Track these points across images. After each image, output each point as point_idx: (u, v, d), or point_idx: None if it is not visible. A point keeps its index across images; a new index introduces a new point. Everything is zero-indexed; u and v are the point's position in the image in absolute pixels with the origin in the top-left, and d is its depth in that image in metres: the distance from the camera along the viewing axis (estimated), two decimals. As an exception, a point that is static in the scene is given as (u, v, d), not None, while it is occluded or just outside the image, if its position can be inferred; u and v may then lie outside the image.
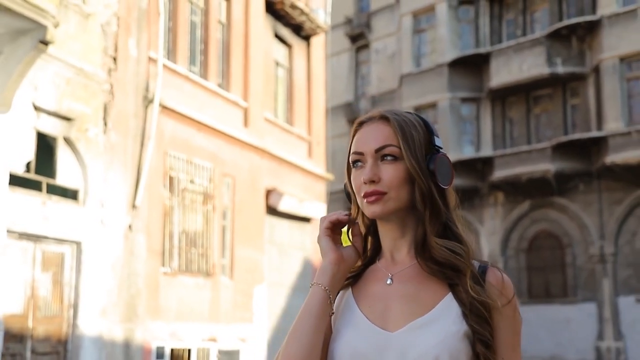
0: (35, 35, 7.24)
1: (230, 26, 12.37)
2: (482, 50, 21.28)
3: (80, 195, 8.85)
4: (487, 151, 21.03)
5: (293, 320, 1.29)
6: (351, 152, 1.41)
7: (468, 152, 21.42)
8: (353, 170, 1.40)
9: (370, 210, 1.35)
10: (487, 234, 20.86)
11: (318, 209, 13.98)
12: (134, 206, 9.57)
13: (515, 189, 20.00)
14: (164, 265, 10.17)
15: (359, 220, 1.44)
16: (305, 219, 13.91)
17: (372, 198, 1.34)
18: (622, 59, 18.36)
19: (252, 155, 12.39)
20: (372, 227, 1.45)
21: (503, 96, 21.14)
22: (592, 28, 19.10)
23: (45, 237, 8.30)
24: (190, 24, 11.46)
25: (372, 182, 1.35)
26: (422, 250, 1.38)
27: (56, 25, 7.38)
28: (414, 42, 23.13)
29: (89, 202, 8.88)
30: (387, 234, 1.42)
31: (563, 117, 20.07)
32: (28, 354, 8.04)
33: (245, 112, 12.45)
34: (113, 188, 9.26)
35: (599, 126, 18.77)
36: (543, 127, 20.52)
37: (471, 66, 21.60)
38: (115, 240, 9.23)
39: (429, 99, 22.17)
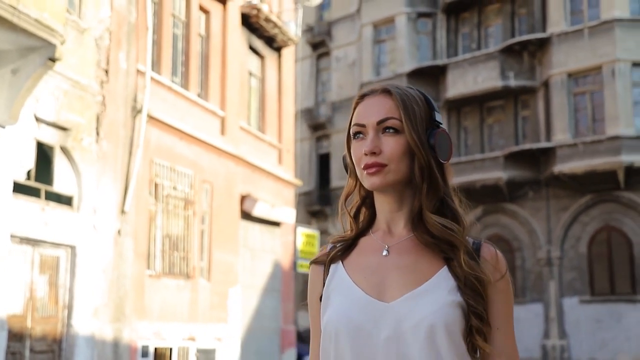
0: (44, 53, 7.69)
1: (209, 38, 12.92)
2: (439, 62, 22.28)
3: (75, 202, 9.31)
4: (442, 158, 21.99)
5: (265, 320, 1.61)
6: (352, 123, 1.43)
7: (425, 159, 22.34)
8: (353, 141, 1.43)
9: (370, 181, 1.38)
10: (441, 237, 21.83)
11: (288, 214, 14.63)
12: (123, 212, 10.05)
13: (469, 195, 21.02)
14: (149, 268, 10.68)
15: (356, 191, 1.48)
16: (276, 224, 14.54)
17: (373, 170, 1.37)
18: (570, 75, 19.56)
19: (228, 163, 12.96)
20: (367, 199, 1.47)
21: (458, 106, 22.18)
22: (542, 45, 20.27)
23: (43, 242, 8.74)
24: (173, 36, 11.97)
25: (373, 153, 1.37)
26: (418, 223, 1.40)
27: (63, 43, 7.86)
28: (374, 52, 23.99)
29: (82, 208, 9.34)
30: (384, 207, 1.43)
31: (514, 128, 21.22)
32: (27, 352, 8.47)
33: (223, 121, 13.02)
34: (104, 194, 9.74)
35: (548, 137, 19.95)
36: (495, 136, 21.63)
37: (429, 77, 22.56)
38: (106, 244, 9.71)
39: (388, 107, 23.02)
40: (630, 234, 18.84)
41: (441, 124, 1.42)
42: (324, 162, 26.09)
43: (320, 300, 1.43)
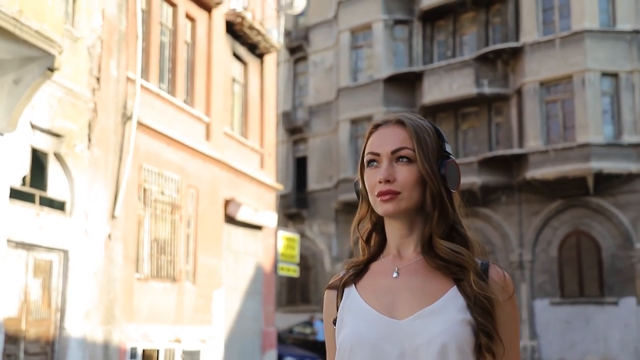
0: (43, 63, 7.90)
1: (194, 46, 13.16)
2: (416, 68, 22.76)
3: (68, 207, 9.51)
4: (418, 163, 22.47)
5: (247, 322, 1.78)
6: (367, 152, 1.49)
7: (401, 164, 22.80)
8: (367, 169, 1.48)
9: (383, 208, 1.44)
10: (417, 240, 22.29)
11: (270, 218, 14.93)
12: (113, 216, 10.27)
13: (444, 199, 21.53)
14: (137, 272, 10.90)
15: (367, 217, 1.54)
16: (258, 227, 14.83)
17: (387, 197, 1.43)
18: (542, 83, 20.18)
19: (213, 168, 13.22)
20: (378, 225, 1.54)
21: (434, 112, 22.67)
22: (515, 53, 20.86)
23: (38, 246, 8.93)
24: (160, 44, 12.20)
25: (387, 181, 1.43)
26: (428, 248, 1.46)
27: (61, 53, 8.07)
28: (351, 58, 24.39)
29: (75, 213, 9.54)
30: (395, 232, 1.50)
31: (488, 134, 21.78)
32: (22, 354, 8.66)
33: (208, 126, 13.27)
34: (96, 200, 9.95)
35: (520, 144, 20.53)
36: (470, 142, 22.16)
37: (405, 83, 23.04)
38: (97, 248, 9.92)
39: (365, 112, 23.48)
40: (598, 238, 19.50)
41: (451, 154, 1.49)
42: (301, 165, 26.41)
43: (334, 323, 1.50)
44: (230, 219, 13.71)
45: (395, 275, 1.46)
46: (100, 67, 10.18)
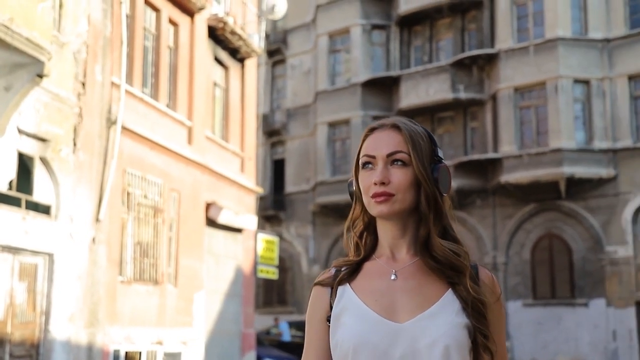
0: (32, 70, 8.00)
1: (177, 50, 13.29)
2: (393, 73, 23.07)
3: (53, 211, 9.59)
4: (395, 166, 22.80)
5: (227, 324, 1.83)
6: (362, 154, 1.53)
7: (378, 167, 23.12)
8: (362, 171, 1.52)
9: (378, 209, 1.48)
10: (393, 242, 22.63)
11: (250, 221, 15.10)
12: (97, 220, 10.37)
13: (420, 202, 21.88)
14: (120, 274, 11.00)
15: (360, 218, 1.57)
16: (238, 230, 14.99)
17: (381, 198, 1.47)
18: (517, 89, 20.61)
19: (194, 171, 13.36)
20: (370, 226, 1.57)
21: (411, 116, 22.84)
22: (491, 60, 21.28)
23: (23, 250, 9.01)
24: (144, 49, 12.31)
25: (382, 183, 1.46)
26: (423, 249, 1.49)
27: (49, 60, 8.18)
28: (329, 61, 24.64)
29: (60, 216, 9.63)
30: (388, 233, 1.53)
31: (463, 139, 22.17)
32: (7, 357, 8.73)
33: (190, 130, 13.40)
34: (80, 204, 10.04)
35: (495, 148, 20.95)
36: (446, 146, 22.52)
37: (382, 87, 23.34)
38: (81, 252, 10.01)
39: (343, 115, 23.74)
40: (570, 241, 19.99)
41: (442, 159, 1.53)
42: (278, 167, 26.59)
43: (328, 320, 1.51)
44: (211, 222, 13.86)
45: (393, 277, 1.48)
46: (85, 72, 10.28)
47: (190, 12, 13.52)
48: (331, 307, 1.52)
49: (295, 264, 25.12)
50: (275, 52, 26.53)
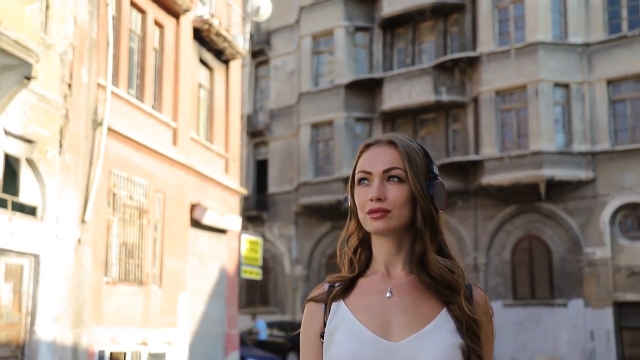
0: (20, 72, 8.04)
1: (162, 52, 13.33)
2: (376, 75, 23.25)
3: (39, 212, 9.62)
4: (377, 168, 22.98)
5: (211, 324, 1.85)
6: (358, 170, 1.52)
7: (360, 168, 23.28)
8: (358, 187, 1.51)
9: (374, 225, 1.47)
10: (375, 243, 22.81)
11: (234, 222, 15.18)
12: (83, 221, 10.40)
13: (402, 203, 22.07)
14: (106, 275, 11.04)
15: (355, 233, 1.56)
16: (222, 231, 15.06)
17: (377, 215, 1.46)
18: (498, 92, 20.87)
19: (179, 172, 13.41)
20: (365, 242, 1.56)
21: (393, 118, 23.20)
22: (472, 63, 21.52)
23: (9, 251, 9.03)
24: (129, 50, 12.34)
25: (379, 199, 1.45)
26: (419, 266, 1.48)
27: (37, 62, 8.22)
28: (313, 63, 24.76)
29: (46, 218, 9.65)
30: (383, 250, 1.52)
31: (445, 140, 22.40)
32: (-7, 358, 8.75)
33: (175, 132, 13.45)
34: (66, 205, 10.07)
35: (477, 150, 21.20)
36: (428, 148, 22.52)
37: (365, 89, 23.51)
38: (67, 252, 10.04)
39: (326, 116, 23.87)
40: (549, 243, 20.28)
41: (438, 175, 1.52)
42: (261, 168, 26.66)
43: (321, 337, 1.51)
44: (195, 223, 13.92)
45: (388, 295, 1.48)
46: (71, 74, 10.31)
47: (175, 14, 13.57)
48: (325, 324, 1.51)
49: (278, 265, 25.21)
50: (259, 53, 26.59)
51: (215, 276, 14.79)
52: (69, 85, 10.25)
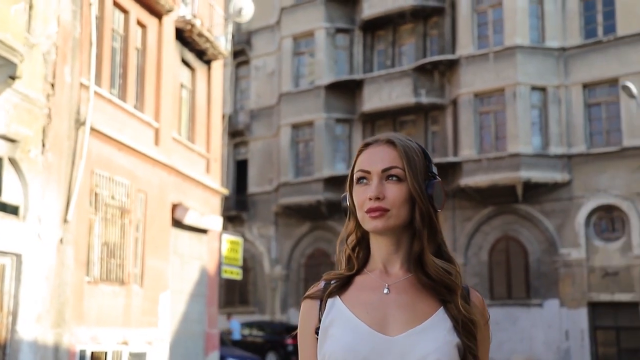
0: (4, 71, 8.04)
1: (145, 52, 13.35)
2: (356, 76, 23.42)
3: (21, 211, 9.61)
4: (357, 169, 23.16)
5: (191, 324, 1.89)
6: (357, 169, 1.51)
7: (340, 169, 23.45)
8: (356, 186, 1.51)
9: (372, 224, 1.47)
10: (354, 243, 22.97)
11: (215, 222, 15.23)
12: (65, 221, 10.40)
13: (382, 204, 22.26)
14: (87, 275, 11.05)
15: (353, 233, 1.56)
16: (203, 231, 15.10)
17: (376, 214, 1.46)
18: (476, 95, 21.15)
19: (161, 172, 13.43)
20: (363, 240, 1.56)
21: (373, 119, 23.38)
22: (452, 65, 21.77)
23: (-9, 250, 9.02)
24: (112, 50, 12.35)
25: (378, 198, 1.45)
26: (416, 265, 1.49)
27: (22, 61, 8.23)
28: (294, 64, 24.86)
29: (28, 217, 9.65)
30: (382, 248, 1.52)
31: (424, 142, 22.61)
32: (-26, 358, 8.74)
33: (157, 132, 13.47)
34: (49, 204, 10.07)
35: (455, 152, 21.45)
36: (407, 149, 22.95)
37: (346, 90, 23.67)
38: (49, 252, 10.04)
39: (306, 117, 23.98)
40: (526, 244, 20.59)
41: (437, 175, 1.53)
42: (241, 168, 26.70)
43: (316, 332, 1.50)
44: (177, 223, 13.95)
45: (386, 291, 1.48)
46: (55, 73, 10.30)
47: (158, 14, 13.59)
48: (320, 320, 1.51)
49: (257, 265, 25.26)
50: (239, 53, 26.62)
51: (195, 276, 14.82)
52: (52, 85, 10.25)
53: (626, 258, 19.13)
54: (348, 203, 1.56)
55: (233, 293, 25.24)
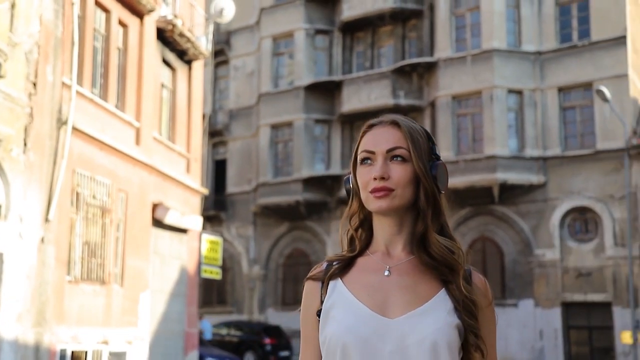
0: (-12, 70, 8.04)
1: (126, 51, 13.35)
2: (335, 77, 23.57)
3: (3, 211, 9.59)
4: (336, 169, 23.33)
5: (171, 323, 1.92)
6: (361, 150, 1.52)
7: (319, 169, 23.60)
8: (360, 167, 1.51)
9: (377, 204, 1.47)
10: (333, 244, 23.12)
11: (196, 222, 15.27)
12: (47, 220, 10.40)
13: (360, 204, 22.43)
14: (68, 274, 11.05)
15: (356, 215, 1.55)
16: (183, 231, 15.13)
17: (381, 193, 1.46)
18: (454, 97, 21.41)
19: (142, 172, 13.45)
20: (365, 222, 1.56)
21: (352, 120, 23.54)
22: (430, 68, 22.02)
23: (-27, 249, 9.00)
24: (93, 49, 12.35)
25: (382, 178, 1.46)
26: (419, 245, 1.49)
27: (5, 61, 8.23)
28: (273, 64, 24.94)
29: (10, 216, 9.64)
30: (385, 229, 1.52)
31: (403, 143, 22.82)
32: (-45, 357, 8.72)
33: (138, 131, 13.49)
34: (30, 204, 10.06)
35: (433, 154, 21.65)
36: (385, 151, 23.15)
37: (325, 91, 23.81)
38: (30, 251, 10.03)
39: (285, 118, 24.07)
40: (502, 244, 20.90)
41: (440, 157, 1.54)
42: (220, 168, 26.70)
43: (318, 315, 1.51)
44: (157, 223, 13.97)
45: (387, 273, 1.48)
46: (37, 73, 10.30)
47: (139, 14, 13.60)
48: (322, 302, 1.52)
49: (235, 264, 25.30)
50: (219, 53, 26.61)
51: (175, 275, 14.85)
52: (34, 84, 10.24)
53: (599, 259, 19.52)
54: (351, 184, 1.56)
55: (211, 293, 25.23)
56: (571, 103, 20.75)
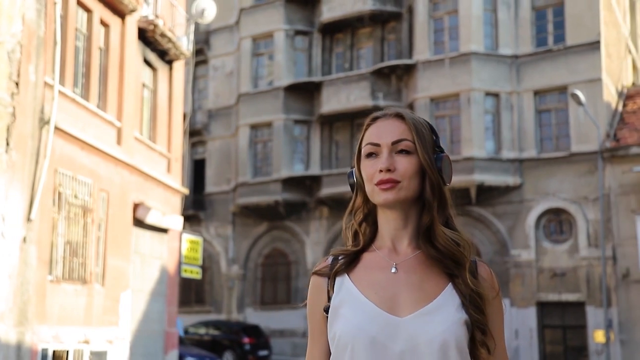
0: (-27, 70, 8.04)
1: (108, 51, 13.37)
2: (315, 78, 23.71)
3: (-15, 210, 9.59)
4: (315, 170, 23.47)
5: (151, 323, 1.99)
6: (365, 143, 1.51)
7: (298, 170, 23.72)
8: (365, 160, 1.50)
9: (383, 196, 1.46)
10: (311, 244, 23.27)
11: (176, 221, 15.31)
12: (28, 220, 10.40)
13: (339, 205, 22.59)
14: (50, 274, 11.05)
15: (360, 209, 1.54)
16: (164, 230, 15.17)
17: (387, 185, 1.45)
18: (432, 99, 21.66)
19: (123, 172, 13.47)
20: (370, 216, 1.55)
21: (331, 121, 23.70)
22: (408, 70, 22.25)
23: (-45, 249, 8.99)
24: (75, 49, 12.35)
25: (388, 170, 1.45)
26: (425, 239, 1.48)
27: (-10, 61, 8.24)
28: (252, 64, 25.01)
29: (-8, 216, 9.63)
30: (390, 223, 1.51)
31: (381, 144, 23.04)
32: (-63, 357, 8.70)
33: (119, 131, 13.50)
34: (12, 203, 10.06)
35: (411, 155, 21.90)
36: (364, 151, 23.33)
37: (304, 92, 23.93)
38: (12, 251, 10.03)
39: (265, 118, 24.16)
40: (479, 245, 21.17)
41: (443, 149, 1.54)
42: (199, 167, 26.70)
43: (325, 311, 1.50)
44: (138, 222, 13.99)
45: (393, 270, 1.47)
46: (19, 72, 10.29)
47: (121, 14, 13.61)
48: (329, 298, 1.51)
49: (214, 264, 25.32)
50: (198, 53, 26.54)
51: (156, 275, 14.88)
52: (17, 84, 10.24)
53: (573, 259, 19.89)
54: (355, 178, 1.56)
55: (189, 292, 25.22)
56: (546, 106, 21.12)
